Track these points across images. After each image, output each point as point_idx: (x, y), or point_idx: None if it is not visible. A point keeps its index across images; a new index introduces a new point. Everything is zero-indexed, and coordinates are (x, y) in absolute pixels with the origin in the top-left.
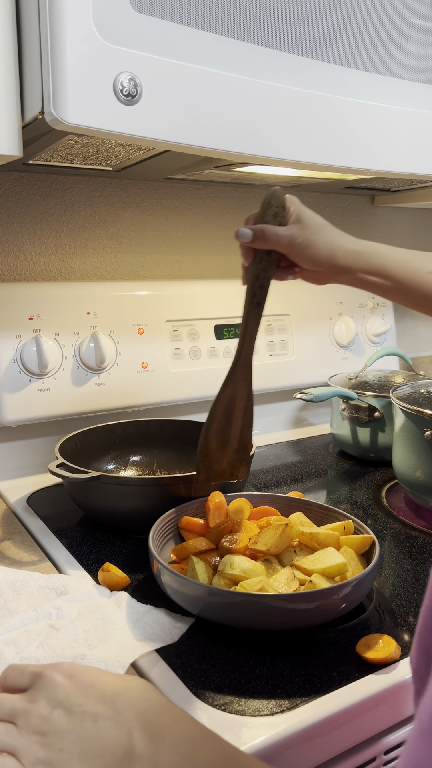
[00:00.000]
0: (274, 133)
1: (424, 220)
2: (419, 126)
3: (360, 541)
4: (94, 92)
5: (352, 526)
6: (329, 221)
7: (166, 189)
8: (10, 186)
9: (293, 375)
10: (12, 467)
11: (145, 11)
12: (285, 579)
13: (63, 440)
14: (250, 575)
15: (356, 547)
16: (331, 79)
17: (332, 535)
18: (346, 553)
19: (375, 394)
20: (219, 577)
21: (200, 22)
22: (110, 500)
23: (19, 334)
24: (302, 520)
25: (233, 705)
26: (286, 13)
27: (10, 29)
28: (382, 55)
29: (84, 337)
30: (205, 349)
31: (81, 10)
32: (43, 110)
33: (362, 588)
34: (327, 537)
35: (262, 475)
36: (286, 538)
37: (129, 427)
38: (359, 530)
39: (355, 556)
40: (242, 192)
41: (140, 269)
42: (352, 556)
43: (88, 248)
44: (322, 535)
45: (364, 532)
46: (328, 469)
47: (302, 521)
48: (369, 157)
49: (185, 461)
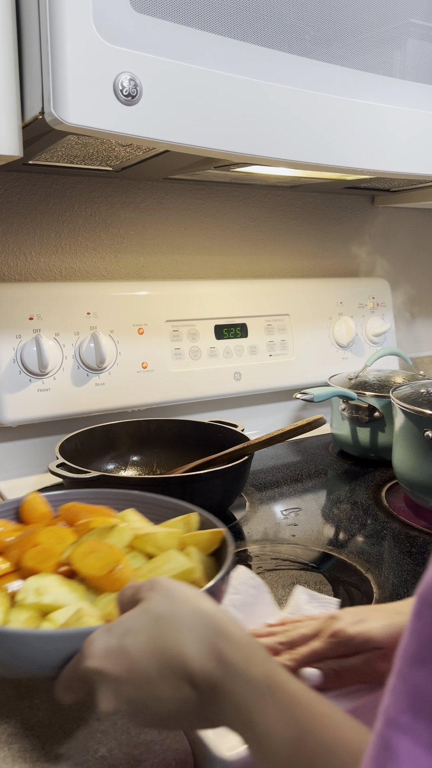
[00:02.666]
0: (274, 133)
1: (424, 220)
2: (419, 126)
3: (208, 538)
4: (94, 92)
5: (197, 519)
6: (329, 221)
7: (166, 189)
8: (10, 186)
9: (293, 375)
10: (12, 467)
11: (145, 11)
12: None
13: (63, 440)
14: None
15: (204, 546)
16: (331, 80)
17: (173, 535)
18: (192, 555)
19: (375, 394)
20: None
21: (200, 22)
22: None
23: (19, 334)
24: (133, 519)
25: None
26: (286, 14)
27: (10, 29)
28: (382, 55)
29: (84, 337)
30: (205, 349)
31: (81, 10)
32: (43, 110)
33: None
34: (167, 537)
35: (262, 475)
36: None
37: (129, 427)
38: (207, 523)
39: (204, 557)
40: (242, 192)
41: (140, 269)
42: (200, 559)
43: (88, 248)
44: (160, 536)
45: (213, 525)
46: (328, 469)
47: (134, 520)
48: (369, 157)
49: (185, 461)
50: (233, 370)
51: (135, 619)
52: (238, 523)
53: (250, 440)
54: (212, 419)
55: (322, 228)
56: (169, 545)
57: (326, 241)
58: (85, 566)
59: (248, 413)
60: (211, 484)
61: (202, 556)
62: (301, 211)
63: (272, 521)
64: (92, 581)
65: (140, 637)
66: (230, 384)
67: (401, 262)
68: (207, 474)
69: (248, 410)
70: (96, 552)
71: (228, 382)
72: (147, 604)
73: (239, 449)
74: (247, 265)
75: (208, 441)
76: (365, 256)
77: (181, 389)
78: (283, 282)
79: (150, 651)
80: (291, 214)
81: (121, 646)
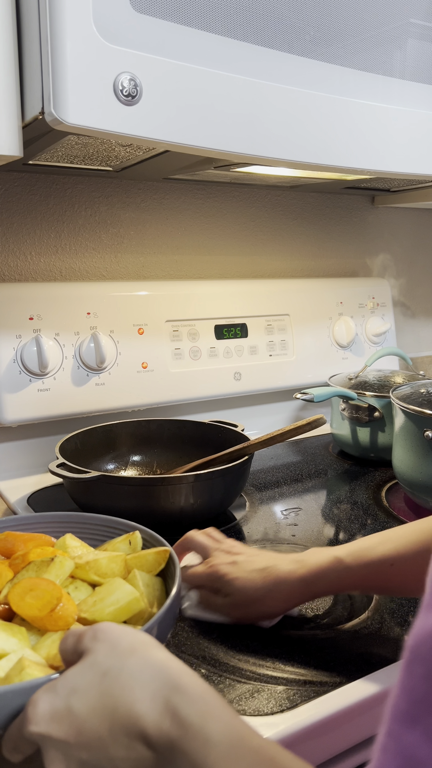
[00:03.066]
0: (274, 134)
1: (424, 220)
2: (419, 126)
3: (153, 558)
4: (95, 92)
5: (139, 538)
6: (329, 221)
7: (166, 189)
8: (10, 186)
9: (293, 375)
10: (12, 467)
11: (145, 11)
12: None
13: (63, 440)
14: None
15: (149, 567)
16: (331, 80)
17: (116, 559)
18: (139, 580)
19: (375, 394)
20: None
21: (200, 22)
22: (110, 500)
23: (19, 334)
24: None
25: (233, 704)
26: (286, 14)
27: (10, 29)
28: (382, 55)
29: (84, 337)
30: (205, 349)
31: (81, 10)
32: (44, 110)
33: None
34: (110, 563)
35: (262, 475)
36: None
37: (129, 427)
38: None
39: (151, 580)
40: (242, 192)
41: (140, 269)
42: (147, 582)
43: (88, 248)
44: (102, 563)
45: (157, 543)
46: (328, 469)
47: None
48: (369, 157)
49: (185, 461)
50: (233, 370)
51: (80, 675)
52: (238, 523)
53: (250, 440)
54: (212, 419)
55: (322, 228)
56: (113, 571)
57: (326, 241)
58: (24, 607)
59: (248, 413)
60: (211, 484)
61: (148, 578)
62: (301, 211)
63: (272, 521)
64: (33, 622)
65: (87, 696)
66: (230, 384)
67: (401, 262)
68: (207, 474)
69: (248, 410)
70: (35, 590)
71: (228, 382)
72: (92, 657)
73: (239, 449)
74: (247, 265)
75: (208, 441)
76: (365, 256)
77: (181, 389)
78: (283, 282)
79: (99, 710)
80: (291, 214)
81: (68, 708)
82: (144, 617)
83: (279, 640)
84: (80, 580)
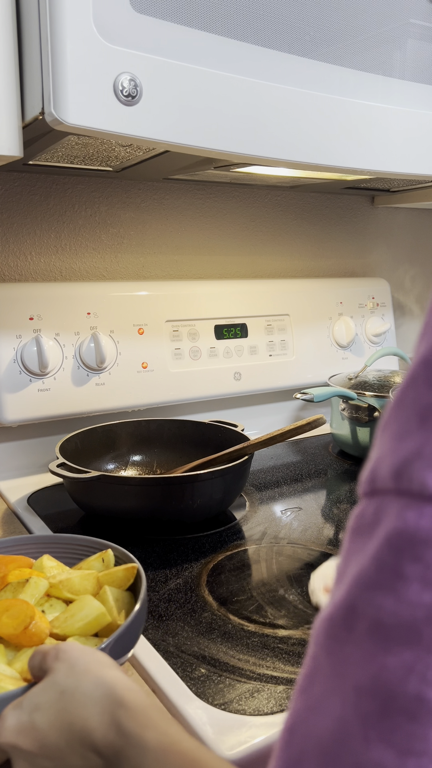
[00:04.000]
0: (274, 134)
1: (424, 220)
2: (419, 126)
3: (122, 575)
4: (95, 93)
5: (111, 555)
6: (329, 221)
7: (166, 189)
8: (10, 186)
9: (293, 375)
10: (12, 467)
11: (145, 11)
12: None
13: (63, 440)
14: None
15: (119, 583)
16: (331, 80)
17: (88, 577)
18: (109, 595)
19: (375, 394)
20: None
21: (200, 22)
22: (110, 500)
23: (19, 334)
24: (50, 565)
25: (233, 704)
26: (286, 14)
27: (10, 29)
28: (382, 55)
29: (84, 337)
30: (205, 349)
31: (81, 10)
32: (44, 111)
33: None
34: (83, 580)
35: (262, 475)
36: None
37: (129, 427)
38: (122, 559)
39: (121, 594)
40: (242, 192)
41: (140, 269)
42: (117, 597)
43: (88, 248)
44: (75, 581)
45: (127, 560)
46: (327, 469)
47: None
48: (369, 158)
49: (185, 461)
50: (233, 370)
51: (42, 693)
52: (238, 523)
53: (250, 440)
54: (212, 419)
55: (322, 228)
56: (85, 588)
57: (326, 241)
58: (0, 626)
59: (248, 413)
60: (211, 484)
61: (118, 593)
62: (301, 211)
63: (272, 521)
64: (9, 639)
65: (48, 713)
66: (230, 384)
67: (401, 262)
68: (207, 474)
69: (248, 410)
70: (10, 610)
71: (228, 382)
72: (53, 677)
73: (239, 449)
74: (247, 265)
75: (208, 441)
76: (365, 256)
77: (181, 389)
78: (283, 282)
79: (58, 725)
80: (291, 214)
81: (32, 722)
82: (113, 629)
83: (279, 640)
84: (55, 597)
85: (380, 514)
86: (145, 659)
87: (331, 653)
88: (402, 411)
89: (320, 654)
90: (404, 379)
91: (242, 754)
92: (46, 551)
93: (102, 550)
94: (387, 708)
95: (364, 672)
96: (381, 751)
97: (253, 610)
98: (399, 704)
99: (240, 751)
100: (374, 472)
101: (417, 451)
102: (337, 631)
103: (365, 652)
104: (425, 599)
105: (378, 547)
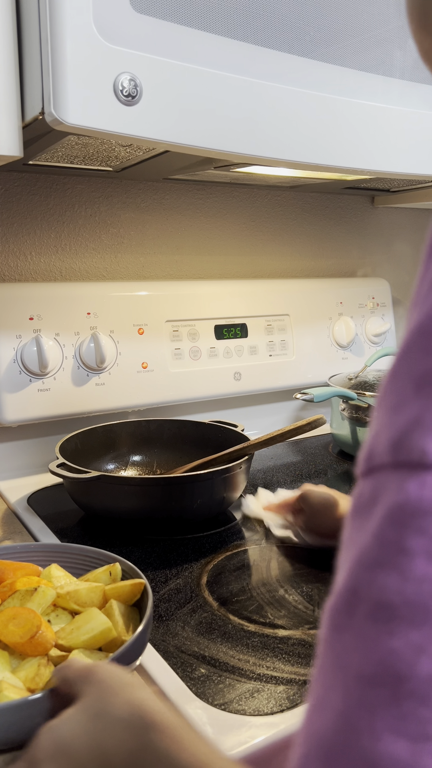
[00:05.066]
0: (274, 134)
1: (424, 220)
2: (419, 126)
3: (129, 590)
4: (95, 92)
5: (119, 569)
6: (329, 221)
7: (166, 189)
8: (10, 186)
9: (293, 375)
10: (12, 467)
11: (145, 11)
12: (36, 667)
13: (63, 440)
14: None
15: (125, 598)
16: (331, 80)
17: (95, 590)
18: (115, 609)
19: (375, 394)
20: None
21: (200, 22)
22: (110, 500)
23: (19, 334)
24: (57, 575)
25: (233, 704)
26: (286, 14)
27: (10, 29)
28: (382, 55)
29: (84, 337)
30: (205, 349)
31: (81, 10)
32: (44, 111)
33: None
34: (90, 593)
35: (262, 475)
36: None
37: (129, 427)
38: (129, 573)
39: (126, 609)
40: (242, 192)
41: (140, 269)
42: (123, 612)
43: (88, 248)
44: (82, 593)
45: (134, 575)
46: (327, 469)
47: (58, 576)
48: (369, 158)
49: (185, 461)
50: (233, 370)
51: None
52: (238, 523)
53: (250, 440)
54: (212, 419)
55: (322, 228)
56: (92, 600)
57: (326, 241)
58: (7, 634)
59: (248, 413)
60: (211, 484)
61: (124, 608)
62: (301, 211)
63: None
64: (15, 647)
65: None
66: (230, 384)
67: (401, 262)
68: (207, 474)
69: (248, 410)
70: (17, 618)
71: (228, 382)
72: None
73: (239, 449)
74: (247, 265)
75: (208, 441)
76: (365, 256)
77: (181, 389)
78: (283, 282)
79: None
80: (291, 214)
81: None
82: (117, 644)
83: (279, 640)
84: (61, 608)
85: (379, 490)
86: (145, 659)
87: (331, 645)
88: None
89: (323, 648)
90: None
91: (242, 754)
92: (54, 560)
93: (110, 563)
94: (395, 695)
95: (368, 660)
96: (392, 742)
97: (253, 610)
98: (409, 689)
99: (240, 751)
100: (371, 449)
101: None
102: (337, 620)
103: (367, 638)
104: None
105: (378, 524)
